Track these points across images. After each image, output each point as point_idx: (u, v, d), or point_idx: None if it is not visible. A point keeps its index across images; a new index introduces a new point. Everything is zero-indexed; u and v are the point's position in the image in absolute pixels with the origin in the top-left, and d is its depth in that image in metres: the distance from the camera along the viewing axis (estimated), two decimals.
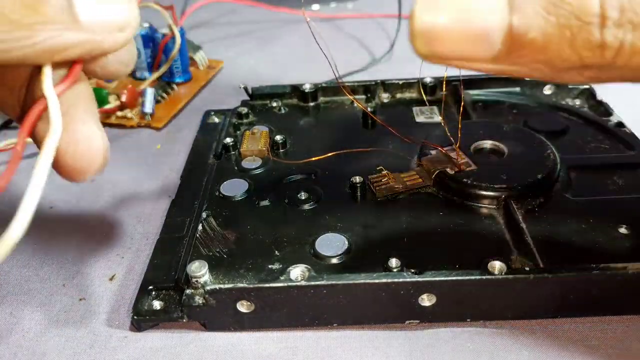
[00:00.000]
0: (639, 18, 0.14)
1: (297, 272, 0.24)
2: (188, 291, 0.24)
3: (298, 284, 0.23)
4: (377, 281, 0.23)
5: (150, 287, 0.26)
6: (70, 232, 0.32)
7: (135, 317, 0.25)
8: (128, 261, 0.29)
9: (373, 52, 0.51)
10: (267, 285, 0.23)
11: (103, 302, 0.27)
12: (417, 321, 0.25)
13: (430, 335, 0.24)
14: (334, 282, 0.23)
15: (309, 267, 0.24)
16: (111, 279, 0.28)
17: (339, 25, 0.57)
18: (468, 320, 0.25)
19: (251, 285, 0.24)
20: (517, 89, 0.38)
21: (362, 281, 0.23)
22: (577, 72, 0.16)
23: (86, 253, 0.30)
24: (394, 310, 0.24)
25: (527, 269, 0.23)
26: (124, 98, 0.41)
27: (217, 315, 0.25)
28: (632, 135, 0.33)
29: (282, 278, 0.24)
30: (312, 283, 0.23)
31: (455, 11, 0.16)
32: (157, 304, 0.25)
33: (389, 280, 0.23)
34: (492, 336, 0.24)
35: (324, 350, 0.24)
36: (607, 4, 0.14)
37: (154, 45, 0.45)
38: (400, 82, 0.38)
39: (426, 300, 0.24)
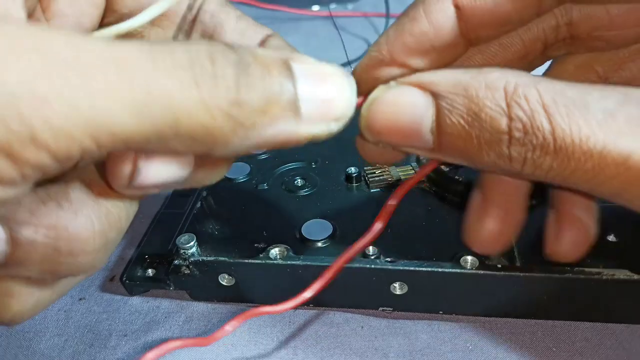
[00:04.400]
0: (538, 140, 0.16)
1: (276, 251, 0.25)
2: (176, 261, 0.26)
3: (275, 262, 0.24)
4: (350, 265, 0.24)
5: (146, 256, 0.28)
6: None
7: (127, 281, 0.27)
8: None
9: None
10: (246, 260, 0.25)
11: (103, 302, 0.28)
12: (391, 308, 0.25)
13: (431, 336, 0.25)
14: (308, 263, 0.24)
15: (287, 247, 0.25)
16: (111, 280, 0.29)
17: (339, 23, 0.57)
18: (440, 312, 0.25)
19: (231, 260, 0.25)
20: None
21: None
22: (502, 172, 0.18)
23: None
24: (367, 296, 0.25)
25: (499, 265, 0.24)
26: None
27: (201, 286, 0.26)
28: None
29: (261, 256, 0.25)
30: (289, 262, 0.24)
31: (391, 114, 0.18)
32: (149, 272, 0.27)
33: (362, 266, 0.24)
34: (492, 336, 0.24)
35: (323, 350, 0.24)
36: (513, 125, 0.16)
37: None
38: None
39: (398, 289, 0.24)
